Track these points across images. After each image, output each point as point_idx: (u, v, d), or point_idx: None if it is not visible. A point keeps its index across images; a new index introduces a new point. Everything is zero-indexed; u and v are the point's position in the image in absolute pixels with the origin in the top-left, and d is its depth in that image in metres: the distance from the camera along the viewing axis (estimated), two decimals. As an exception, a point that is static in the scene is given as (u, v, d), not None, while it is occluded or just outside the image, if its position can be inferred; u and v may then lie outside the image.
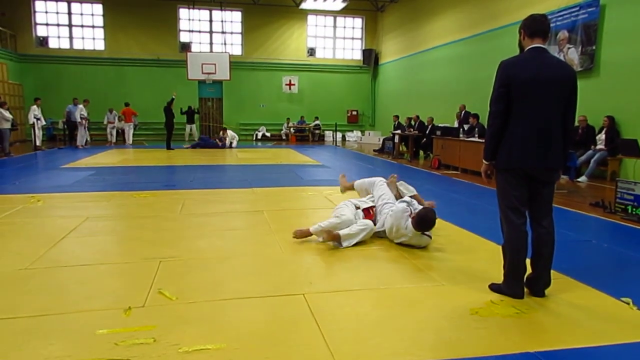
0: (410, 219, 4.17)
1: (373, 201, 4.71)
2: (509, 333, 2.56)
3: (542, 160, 2.98)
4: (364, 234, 4.29)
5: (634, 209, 5.72)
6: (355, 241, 4.22)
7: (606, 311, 2.90)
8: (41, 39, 20.33)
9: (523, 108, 2.98)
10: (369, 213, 4.58)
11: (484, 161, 3.23)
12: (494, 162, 3.17)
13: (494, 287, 3.20)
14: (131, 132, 18.31)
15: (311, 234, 4.33)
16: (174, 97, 16.09)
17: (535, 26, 3.04)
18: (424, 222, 4.09)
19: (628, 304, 2.97)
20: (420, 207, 4.43)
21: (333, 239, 4.17)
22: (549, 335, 2.55)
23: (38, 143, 14.76)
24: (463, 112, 13.35)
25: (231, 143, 17.19)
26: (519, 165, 3.01)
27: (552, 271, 3.16)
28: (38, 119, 14.65)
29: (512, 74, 2.99)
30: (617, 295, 3.10)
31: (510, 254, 3.08)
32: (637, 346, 2.45)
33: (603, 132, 9.45)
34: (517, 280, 3.08)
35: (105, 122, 18.47)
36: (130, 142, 18.09)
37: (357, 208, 4.59)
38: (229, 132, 17.57)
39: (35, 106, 14.77)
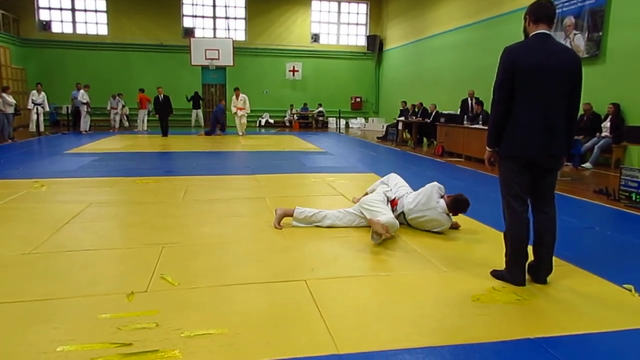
0: (441, 198, 4.26)
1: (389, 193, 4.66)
2: (510, 319, 2.56)
3: (545, 148, 2.95)
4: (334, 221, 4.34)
5: (638, 197, 5.69)
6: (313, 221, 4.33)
7: (608, 298, 2.90)
8: (44, 23, 20.25)
9: (527, 95, 2.94)
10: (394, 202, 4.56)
11: (487, 148, 3.21)
12: (497, 149, 3.13)
13: (496, 274, 3.20)
14: (146, 118, 18.08)
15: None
16: (160, 96, 15.66)
17: (541, 12, 2.99)
18: (461, 202, 4.23)
19: (630, 290, 2.97)
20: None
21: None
22: (551, 321, 2.55)
23: (41, 129, 14.72)
24: (472, 98, 13.01)
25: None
26: (522, 153, 2.98)
27: (554, 258, 3.16)
28: (38, 104, 14.58)
29: (516, 60, 2.95)
30: (620, 282, 3.10)
31: (511, 241, 3.07)
32: (639, 333, 2.45)
33: (608, 119, 9.38)
34: (518, 268, 3.07)
35: (108, 108, 18.46)
36: (145, 128, 17.89)
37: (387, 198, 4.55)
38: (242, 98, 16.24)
39: (35, 91, 14.71)
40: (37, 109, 14.54)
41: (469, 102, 12.92)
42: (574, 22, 10.63)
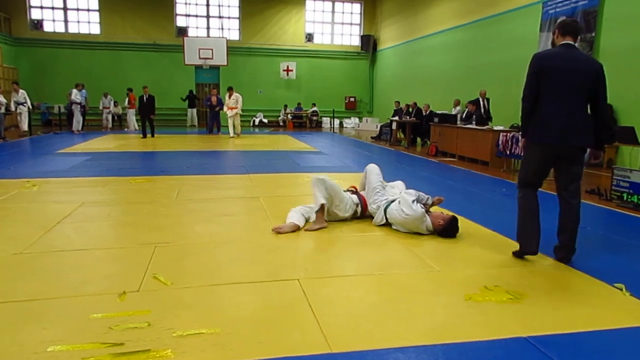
0: (429, 218, 4.16)
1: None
2: (502, 318, 2.57)
3: (564, 139, 3.38)
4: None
5: (630, 196, 5.73)
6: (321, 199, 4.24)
7: (599, 297, 2.92)
8: (36, 22, 20.13)
9: (550, 92, 3.41)
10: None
11: (521, 137, 3.75)
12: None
13: (515, 253, 3.61)
14: (133, 117, 17.94)
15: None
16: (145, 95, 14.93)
17: (568, 27, 3.53)
18: (450, 231, 4.12)
19: (621, 289, 2.99)
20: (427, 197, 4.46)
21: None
22: (542, 320, 2.56)
23: (24, 127, 14.50)
24: (484, 98, 12.45)
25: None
26: (542, 140, 3.45)
27: (544, 257, 3.38)
28: (20, 104, 14.36)
29: (542, 63, 3.45)
30: (611, 281, 3.12)
31: (521, 215, 3.58)
32: (630, 331, 2.47)
33: (601, 119, 9.44)
34: (528, 237, 3.53)
35: (100, 107, 18.35)
36: (137, 127, 17.79)
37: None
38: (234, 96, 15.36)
39: (14, 92, 14.49)
40: (18, 108, 14.33)
41: (481, 102, 12.38)
42: (567, 22, 10.68)
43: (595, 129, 3.45)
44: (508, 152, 8.48)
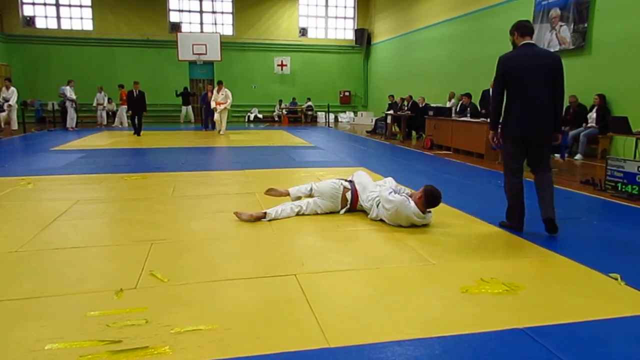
0: (412, 203, 4.16)
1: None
2: (498, 310, 2.58)
3: (534, 128, 3.90)
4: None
5: (624, 186, 5.76)
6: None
7: (594, 287, 2.94)
8: (28, 18, 19.97)
9: (518, 89, 3.91)
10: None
11: (490, 131, 4.25)
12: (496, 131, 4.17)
13: (502, 223, 4.21)
14: (125, 114, 17.88)
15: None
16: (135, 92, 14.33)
17: (526, 29, 4.04)
18: (433, 198, 4.17)
19: (616, 279, 3.01)
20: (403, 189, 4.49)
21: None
22: (538, 311, 2.58)
23: (14, 127, 14.25)
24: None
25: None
26: (516, 134, 3.99)
27: (540, 248, 3.53)
28: (7, 101, 14.04)
29: (509, 64, 3.94)
30: (606, 271, 3.14)
31: (508, 198, 4.14)
32: (625, 321, 2.49)
33: (594, 110, 9.47)
34: (514, 216, 4.11)
35: (95, 104, 18.24)
36: (126, 124, 17.67)
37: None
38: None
39: (4, 88, 14.22)
40: (5, 105, 14.14)
41: (491, 93, 12.06)
42: (560, 13, 10.70)
43: (554, 115, 3.92)
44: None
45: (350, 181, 4.74)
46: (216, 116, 14.68)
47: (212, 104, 14.80)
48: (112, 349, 2.13)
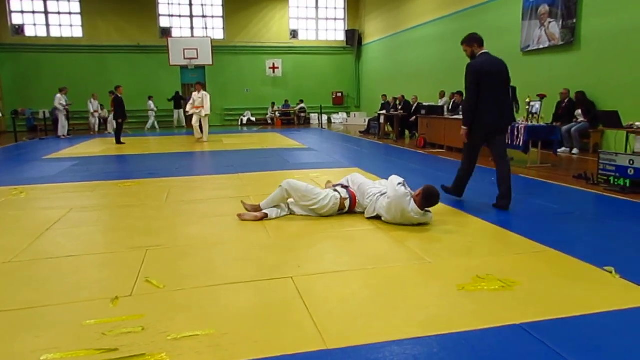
0: (412, 200, 4.17)
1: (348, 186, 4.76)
2: (495, 306, 2.59)
3: (498, 123, 4.77)
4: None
5: (616, 180, 5.80)
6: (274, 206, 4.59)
7: (590, 281, 2.95)
8: (17, 27, 19.86)
9: (487, 91, 4.65)
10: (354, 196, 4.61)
11: (463, 127, 4.90)
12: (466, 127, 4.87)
13: (445, 189, 5.13)
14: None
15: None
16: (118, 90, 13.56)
17: (481, 40, 4.83)
18: (431, 197, 4.16)
19: (611, 272, 3.03)
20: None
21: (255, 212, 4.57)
22: (534, 306, 2.58)
23: None
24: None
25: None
26: (486, 128, 4.74)
27: (535, 244, 3.56)
28: None
29: (480, 70, 4.67)
30: (600, 264, 3.16)
31: (462, 174, 5.10)
32: (621, 313, 2.50)
33: (578, 107, 9.59)
34: (459, 188, 5.19)
35: (91, 110, 18.09)
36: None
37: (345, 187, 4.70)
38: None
39: None
40: None
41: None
42: (549, 10, 10.76)
43: (510, 111, 5.07)
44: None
45: (346, 187, 4.72)
46: (194, 121, 13.35)
47: (189, 107, 13.45)
48: (109, 358, 2.12)
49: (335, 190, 4.61)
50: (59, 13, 20.26)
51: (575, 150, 9.27)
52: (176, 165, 8.74)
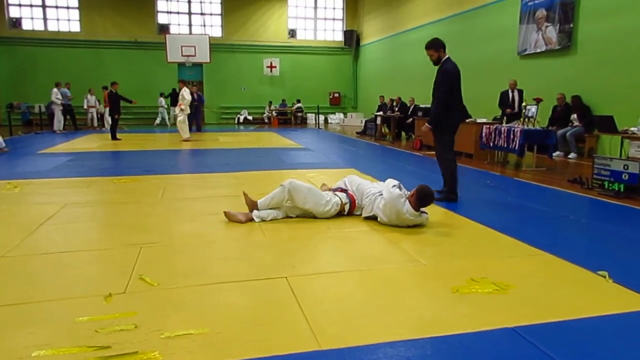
0: (407, 202, 4.17)
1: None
2: (489, 309, 2.59)
3: (462, 120, 5.59)
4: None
5: (611, 184, 5.82)
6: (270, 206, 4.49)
7: (583, 285, 2.96)
8: (14, 20, 19.76)
9: (457, 91, 5.17)
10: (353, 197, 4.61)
11: (427, 125, 5.44)
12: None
13: (440, 198, 5.13)
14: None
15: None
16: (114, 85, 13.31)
17: (444, 45, 5.21)
18: (425, 197, 4.16)
19: (604, 277, 3.04)
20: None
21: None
22: (528, 310, 2.59)
23: None
24: (514, 90, 10.41)
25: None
26: (457, 123, 5.35)
27: (530, 247, 3.58)
28: None
29: (457, 74, 5.16)
30: (594, 268, 3.17)
31: (453, 177, 5.33)
32: (614, 318, 2.51)
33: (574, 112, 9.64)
34: (455, 190, 5.32)
35: (85, 106, 18.05)
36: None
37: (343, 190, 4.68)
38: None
39: None
40: None
41: (510, 94, 10.41)
42: (546, 14, 10.80)
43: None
44: (491, 144, 8.56)
45: (345, 190, 4.71)
46: (180, 119, 13.06)
47: (176, 110, 13.28)
48: (102, 355, 2.11)
49: (335, 195, 4.60)
50: (56, 7, 20.17)
51: (572, 155, 9.31)
52: (172, 162, 8.71)
